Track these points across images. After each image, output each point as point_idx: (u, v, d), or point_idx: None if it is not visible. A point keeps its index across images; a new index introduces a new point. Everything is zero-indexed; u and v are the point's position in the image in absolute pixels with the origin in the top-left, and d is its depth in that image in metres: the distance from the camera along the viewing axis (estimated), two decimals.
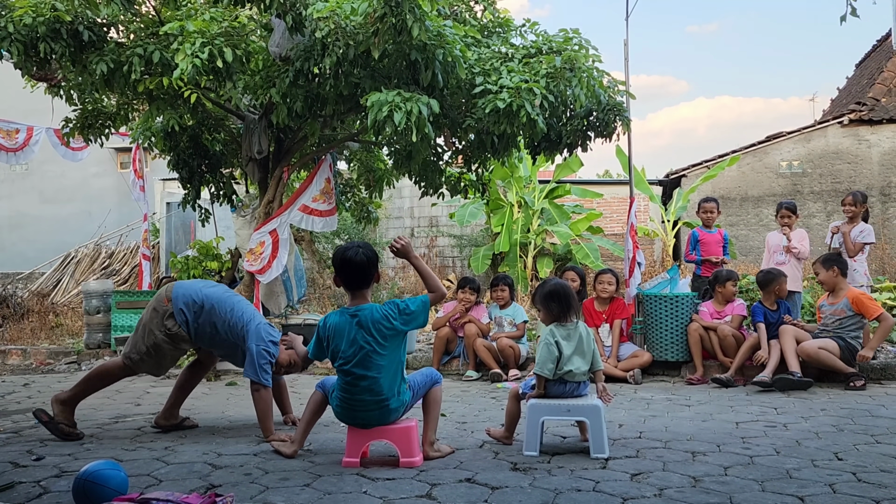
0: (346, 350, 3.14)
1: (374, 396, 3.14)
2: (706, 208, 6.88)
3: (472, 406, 4.78)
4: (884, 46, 15.28)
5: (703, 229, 6.89)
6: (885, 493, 2.68)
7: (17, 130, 8.88)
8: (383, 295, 11.01)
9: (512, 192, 11.04)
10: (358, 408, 3.17)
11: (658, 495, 2.68)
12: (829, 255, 5.67)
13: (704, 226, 6.89)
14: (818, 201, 12.52)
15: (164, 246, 11.50)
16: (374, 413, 3.17)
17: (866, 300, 5.36)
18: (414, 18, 4.59)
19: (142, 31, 5.40)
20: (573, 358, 3.40)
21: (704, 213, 6.88)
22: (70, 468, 3.15)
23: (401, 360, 3.24)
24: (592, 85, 5.28)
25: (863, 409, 4.39)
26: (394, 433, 3.20)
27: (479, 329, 6.21)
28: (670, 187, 13.49)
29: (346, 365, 3.15)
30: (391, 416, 3.20)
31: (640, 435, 3.76)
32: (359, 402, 3.16)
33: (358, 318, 3.15)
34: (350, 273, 3.21)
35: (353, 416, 3.21)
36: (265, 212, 6.47)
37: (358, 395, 3.15)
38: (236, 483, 2.89)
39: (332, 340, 3.20)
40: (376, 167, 7.59)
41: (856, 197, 6.35)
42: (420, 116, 4.72)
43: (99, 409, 4.69)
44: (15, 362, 7.46)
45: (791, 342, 5.31)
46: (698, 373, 5.77)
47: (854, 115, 12.75)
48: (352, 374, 3.14)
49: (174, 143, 6.73)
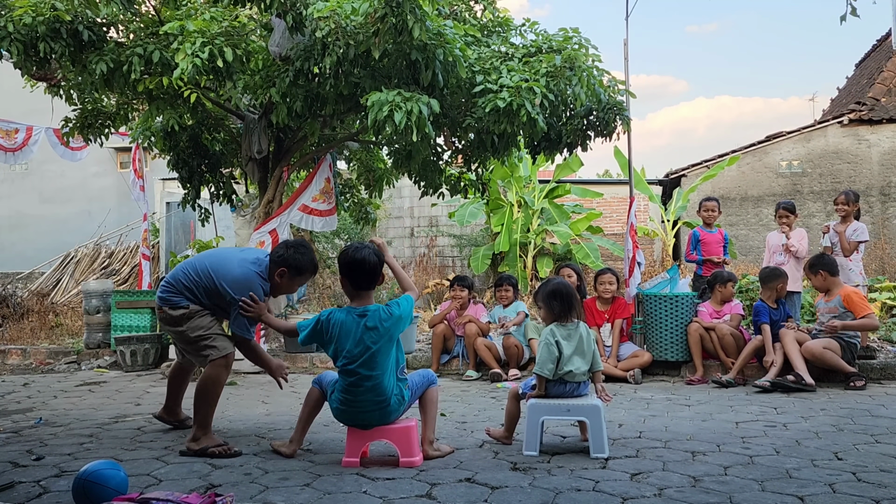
0: (353, 350, 3.13)
1: (376, 396, 3.14)
2: (707, 207, 6.88)
3: (472, 406, 4.78)
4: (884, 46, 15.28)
5: (703, 229, 6.89)
6: (885, 492, 2.68)
7: (17, 130, 8.88)
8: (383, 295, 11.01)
9: (512, 192, 11.04)
10: (360, 408, 3.17)
11: (658, 495, 2.68)
12: (812, 260, 5.60)
13: (705, 225, 6.89)
14: (818, 201, 12.52)
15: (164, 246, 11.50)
16: (374, 413, 3.17)
17: (857, 298, 5.37)
18: (415, 19, 4.59)
19: (142, 30, 5.40)
20: (573, 358, 3.40)
21: (706, 212, 6.87)
22: (70, 468, 3.15)
23: (398, 359, 3.24)
24: (592, 84, 5.28)
25: (863, 409, 4.39)
26: (393, 433, 3.20)
27: (479, 328, 6.21)
28: (670, 187, 13.49)
29: (350, 364, 3.14)
30: (391, 416, 3.20)
31: (640, 435, 3.76)
32: (361, 402, 3.15)
33: (366, 318, 3.14)
34: (361, 274, 3.20)
35: (353, 417, 3.20)
36: (265, 211, 6.47)
37: (361, 395, 3.14)
38: (236, 483, 2.89)
39: (338, 340, 3.17)
40: (376, 167, 7.59)
41: (848, 196, 6.36)
42: (420, 116, 4.71)
43: (99, 408, 4.69)
44: (15, 362, 7.46)
45: (795, 344, 5.32)
46: (698, 373, 5.77)
47: (854, 114, 12.75)
48: (357, 374, 3.13)
49: (174, 143, 6.73)
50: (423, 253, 13.17)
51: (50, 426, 4.21)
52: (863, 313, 5.29)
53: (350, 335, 3.14)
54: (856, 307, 5.31)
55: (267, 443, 3.64)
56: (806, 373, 5.11)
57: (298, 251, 3.53)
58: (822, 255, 5.69)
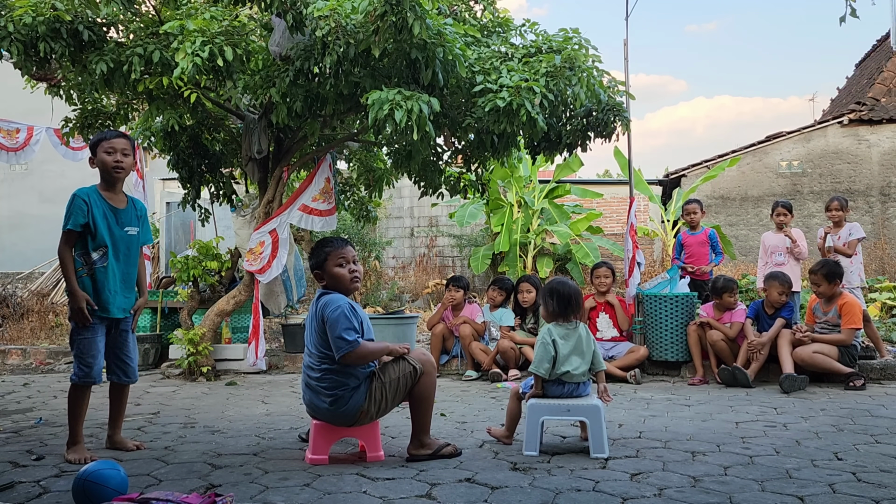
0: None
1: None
2: (688, 210, 6.92)
3: (472, 406, 4.78)
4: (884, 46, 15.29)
5: (687, 231, 6.90)
6: (885, 493, 2.68)
7: (18, 130, 8.89)
8: (383, 295, 11.01)
9: (512, 192, 11.04)
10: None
11: (658, 495, 2.68)
12: (832, 268, 5.55)
13: (689, 227, 6.91)
14: (818, 201, 12.52)
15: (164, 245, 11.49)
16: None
17: (850, 310, 5.39)
18: (414, 16, 4.59)
19: (142, 30, 5.40)
20: (571, 358, 3.39)
21: (687, 216, 6.92)
22: (70, 468, 3.15)
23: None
24: (592, 84, 5.28)
25: (863, 409, 4.39)
26: (359, 429, 3.27)
27: (473, 329, 6.23)
28: (670, 187, 13.49)
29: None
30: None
31: (640, 435, 3.76)
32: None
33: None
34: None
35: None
36: (265, 211, 6.46)
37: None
38: (236, 483, 2.89)
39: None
40: (376, 167, 7.59)
41: (840, 201, 6.40)
42: (421, 115, 4.71)
43: (99, 408, 4.69)
44: (15, 362, 7.46)
45: (788, 346, 5.34)
46: (698, 374, 5.77)
47: (854, 114, 12.75)
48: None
49: (174, 143, 6.72)
50: (423, 253, 13.17)
51: (50, 426, 4.22)
52: (849, 326, 5.35)
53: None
54: (848, 318, 5.37)
55: (267, 443, 3.64)
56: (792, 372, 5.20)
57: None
58: (837, 264, 5.67)
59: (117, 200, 3.54)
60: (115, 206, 3.52)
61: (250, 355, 6.33)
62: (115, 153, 3.48)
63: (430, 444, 3.27)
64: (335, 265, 3.22)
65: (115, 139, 3.50)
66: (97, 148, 3.49)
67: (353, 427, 3.24)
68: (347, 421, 3.19)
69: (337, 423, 3.20)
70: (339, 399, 3.13)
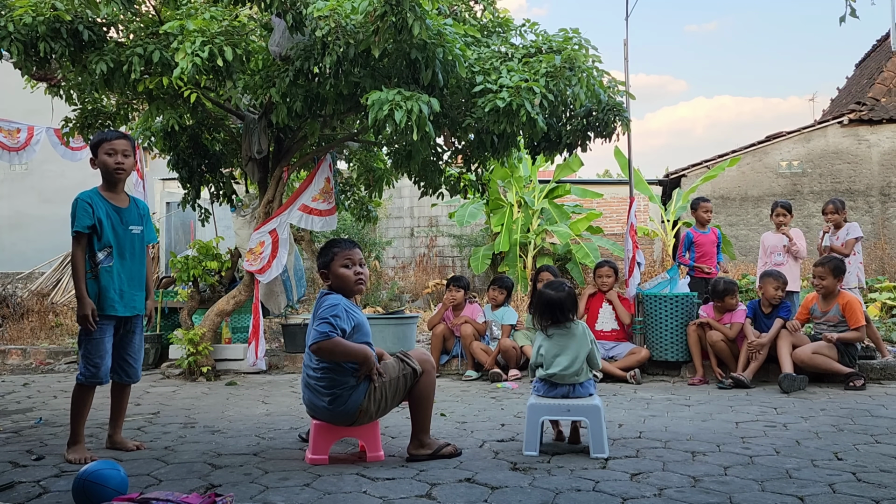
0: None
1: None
2: (706, 207, 6.88)
3: (472, 406, 4.78)
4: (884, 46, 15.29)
5: (697, 230, 6.88)
6: (885, 493, 2.68)
7: (19, 130, 8.89)
8: (383, 295, 11.02)
9: (512, 192, 11.04)
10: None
11: (658, 495, 2.68)
12: (839, 263, 5.58)
13: (700, 225, 6.88)
14: (818, 201, 12.52)
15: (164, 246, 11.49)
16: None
17: (853, 307, 5.40)
18: (414, 17, 4.59)
19: (142, 30, 5.40)
20: (558, 359, 3.39)
21: (705, 213, 6.86)
22: (70, 468, 3.15)
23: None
24: (592, 84, 5.27)
25: (863, 409, 4.39)
26: (359, 429, 3.27)
27: (474, 329, 6.24)
28: (670, 187, 13.49)
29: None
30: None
31: (640, 435, 3.76)
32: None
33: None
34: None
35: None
36: (265, 211, 6.46)
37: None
38: (236, 483, 2.89)
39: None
40: (376, 167, 7.58)
41: (835, 204, 6.41)
42: (421, 115, 4.71)
43: (99, 408, 4.69)
44: (15, 362, 7.46)
45: (788, 347, 5.34)
46: (698, 374, 5.76)
47: (854, 115, 12.75)
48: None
49: (174, 143, 6.72)
50: (423, 253, 13.18)
51: (50, 426, 4.21)
52: (856, 325, 5.37)
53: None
54: (852, 317, 5.38)
55: (267, 443, 3.64)
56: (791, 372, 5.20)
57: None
58: (842, 261, 5.68)
59: (119, 200, 3.56)
60: (118, 205, 3.54)
61: (250, 355, 6.33)
62: (116, 154, 3.49)
63: (430, 444, 3.27)
64: (341, 266, 3.23)
65: (116, 140, 3.51)
66: (98, 149, 3.50)
67: (353, 427, 3.24)
68: (347, 420, 3.19)
69: (336, 422, 3.20)
70: (337, 398, 3.13)
